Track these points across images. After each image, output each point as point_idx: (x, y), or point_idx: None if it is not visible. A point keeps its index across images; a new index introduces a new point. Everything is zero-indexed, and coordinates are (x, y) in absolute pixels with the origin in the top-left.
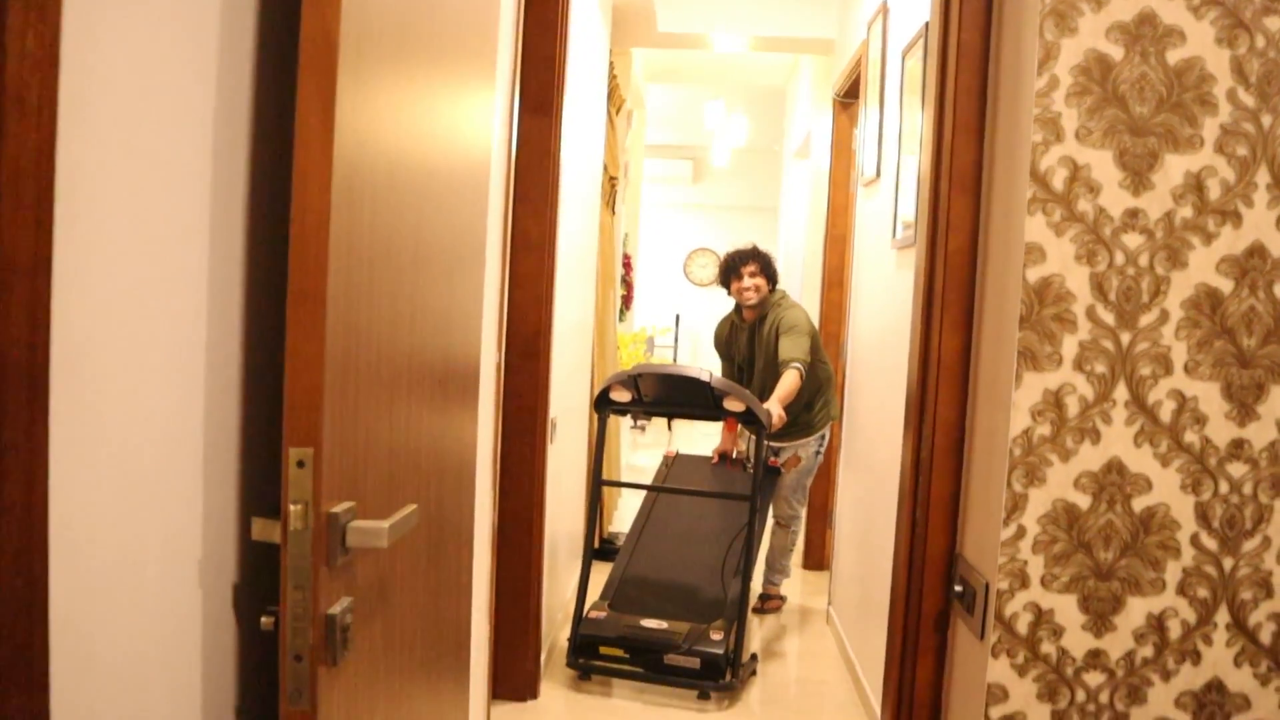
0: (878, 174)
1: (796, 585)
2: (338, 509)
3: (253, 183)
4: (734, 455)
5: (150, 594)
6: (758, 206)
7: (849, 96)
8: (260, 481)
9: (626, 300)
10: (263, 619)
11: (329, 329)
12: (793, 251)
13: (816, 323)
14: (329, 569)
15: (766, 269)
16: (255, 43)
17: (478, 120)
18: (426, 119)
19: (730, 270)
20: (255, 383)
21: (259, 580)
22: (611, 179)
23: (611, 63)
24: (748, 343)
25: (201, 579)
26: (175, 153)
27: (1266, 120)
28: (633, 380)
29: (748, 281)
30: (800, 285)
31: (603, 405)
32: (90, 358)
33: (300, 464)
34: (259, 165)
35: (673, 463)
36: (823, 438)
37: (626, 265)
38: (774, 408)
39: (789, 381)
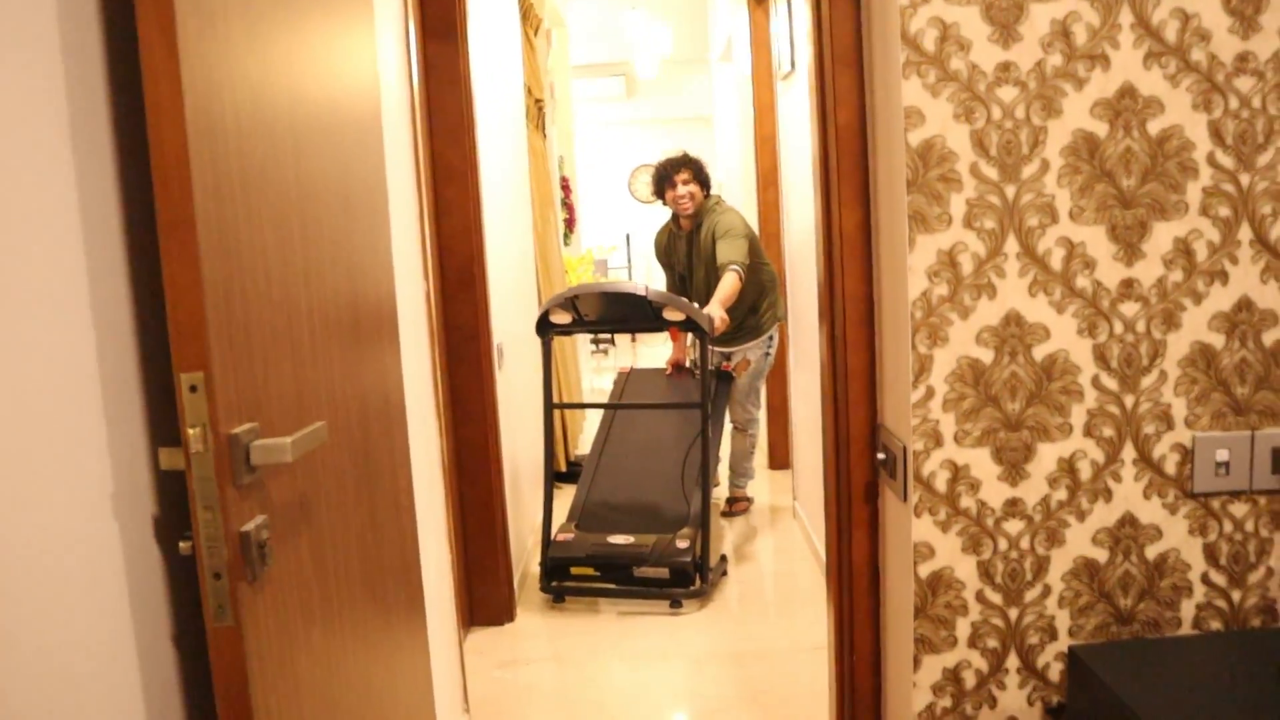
0: (793, 66)
1: (763, 486)
2: (238, 430)
3: (116, 115)
4: (686, 364)
5: (64, 530)
6: (694, 116)
7: None
8: (167, 413)
9: (569, 223)
10: (181, 544)
11: (204, 255)
12: (730, 156)
13: (755, 224)
14: (236, 488)
15: (699, 175)
16: None
17: (357, 48)
18: (292, 46)
19: (663, 180)
20: (149, 317)
21: (179, 509)
22: (537, 101)
23: None
24: (687, 251)
25: (116, 511)
26: (25, 87)
27: None
28: (570, 301)
29: (681, 190)
30: (739, 189)
31: (544, 329)
32: None
33: (193, 388)
34: (121, 96)
35: (628, 378)
36: (771, 339)
37: (565, 188)
38: (715, 310)
39: (728, 284)
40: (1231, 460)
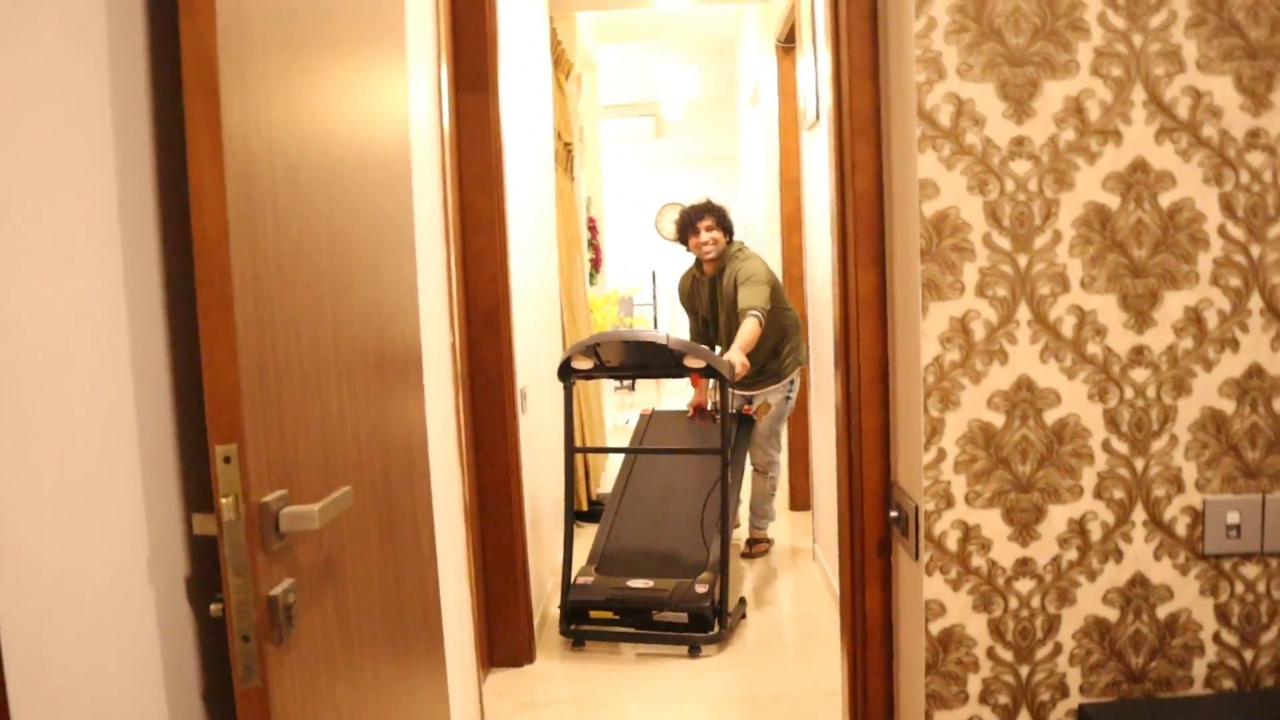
0: (818, 117)
1: (784, 527)
2: (268, 498)
3: (161, 194)
4: (708, 407)
5: (100, 592)
6: (720, 156)
7: (789, 42)
8: (201, 479)
9: (595, 263)
10: (212, 606)
11: (240, 331)
12: (754, 198)
13: (779, 268)
14: (266, 554)
15: (722, 222)
16: (147, 58)
17: (390, 104)
18: (327, 111)
19: (687, 226)
20: (186, 387)
21: (210, 571)
22: (567, 145)
23: (554, 29)
24: (709, 296)
25: (151, 574)
26: (79, 169)
27: (1138, 40)
28: (592, 348)
29: (705, 236)
30: (764, 232)
31: (566, 374)
32: (11, 371)
33: (227, 459)
34: (166, 177)
35: (649, 420)
36: (792, 383)
37: (592, 228)
38: (735, 356)
39: (748, 329)
40: (1242, 523)
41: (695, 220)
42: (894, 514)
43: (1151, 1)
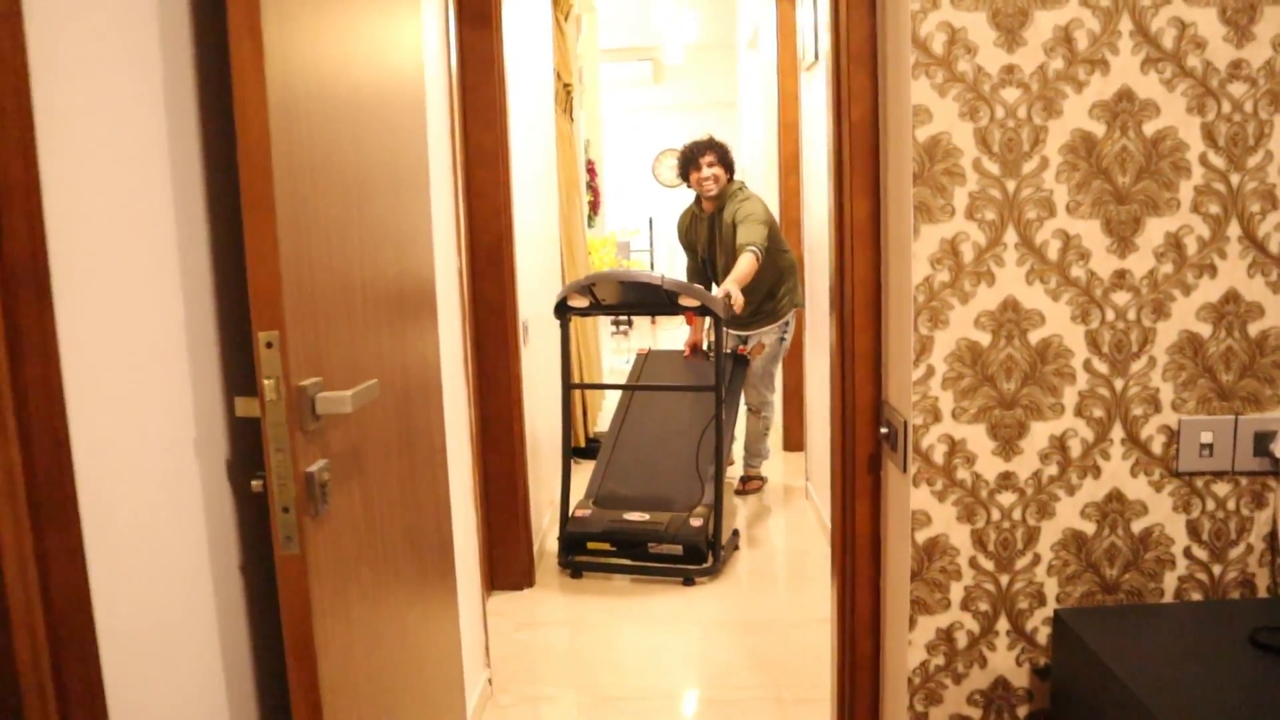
0: (816, 57)
1: (777, 466)
2: (305, 382)
3: (202, 107)
4: (703, 347)
5: (155, 466)
6: (720, 102)
7: None
8: (239, 368)
9: (594, 206)
10: (253, 483)
11: (280, 228)
12: (753, 143)
13: (777, 211)
14: (303, 434)
15: (724, 159)
16: None
17: (406, 34)
18: (351, 35)
19: (689, 161)
20: (224, 283)
21: (247, 453)
22: (566, 86)
23: None
24: (708, 234)
25: (198, 454)
26: (128, 80)
27: None
28: (588, 287)
29: (706, 171)
30: (762, 176)
31: (562, 311)
32: (82, 265)
33: (269, 344)
34: (207, 90)
35: (645, 359)
36: (786, 324)
37: (591, 171)
38: (731, 287)
39: (744, 264)
40: (1215, 443)
41: (697, 155)
42: (884, 430)
43: None
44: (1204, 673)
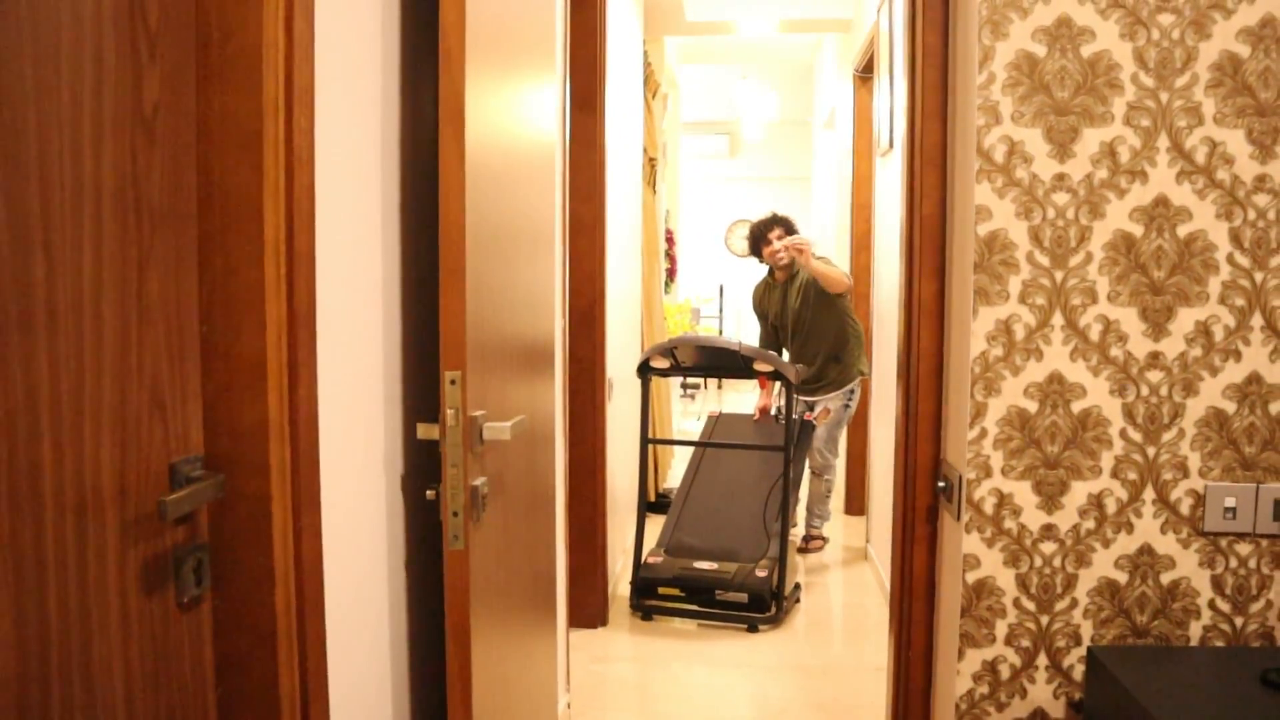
0: (891, 144)
1: (839, 529)
2: (476, 413)
3: (403, 191)
4: (773, 411)
5: (358, 474)
6: (792, 176)
7: (866, 72)
8: (415, 398)
9: (670, 273)
10: (428, 492)
11: (468, 291)
12: (825, 218)
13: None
14: (472, 454)
15: (789, 231)
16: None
17: (547, 111)
18: (515, 109)
19: (758, 239)
20: (409, 331)
21: (417, 469)
22: (651, 160)
23: (645, 51)
24: (780, 302)
25: (385, 468)
26: (366, 179)
27: (1164, 97)
28: (670, 351)
29: (776, 244)
30: (833, 251)
31: (644, 371)
32: (326, 314)
33: (453, 381)
34: (406, 172)
35: (717, 421)
36: (852, 392)
37: (669, 240)
38: (811, 260)
39: (836, 269)
40: (1238, 507)
41: (766, 231)
42: (941, 484)
43: (1177, 65)
44: (1220, 708)
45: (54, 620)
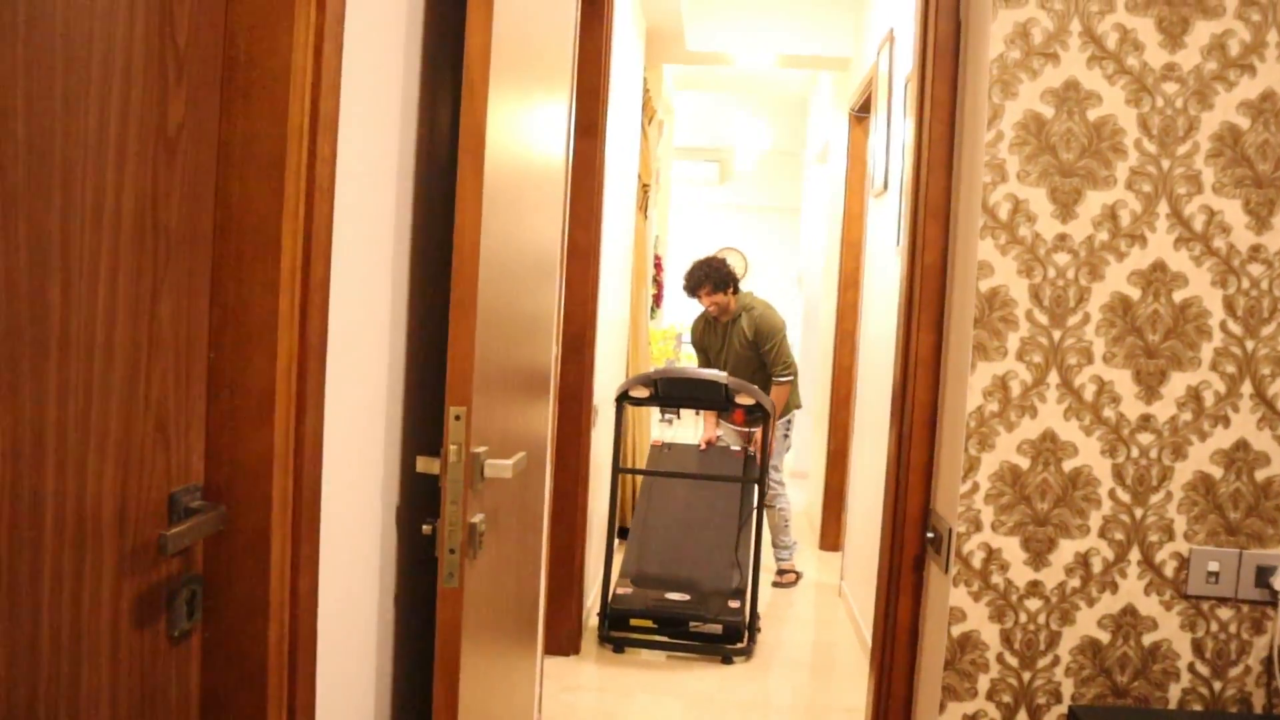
0: (885, 186)
1: (812, 565)
2: (479, 450)
3: (415, 215)
4: (715, 440)
5: (354, 506)
6: (782, 207)
7: (863, 111)
8: (414, 432)
9: (657, 299)
10: (424, 526)
11: (478, 324)
12: (813, 251)
13: (831, 322)
14: (472, 491)
15: (719, 285)
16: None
17: (559, 136)
18: (530, 135)
19: (691, 293)
20: (412, 364)
21: (413, 502)
22: (644, 185)
23: (644, 78)
24: (721, 338)
25: (382, 500)
26: (381, 205)
27: (1165, 164)
28: (653, 381)
29: (707, 302)
30: (819, 285)
31: (621, 400)
32: (339, 343)
33: (457, 417)
34: (419, 190)
35: (662, 451)
36: (789, 423)
37: (657, 265)
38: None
39: (780, 393)
40: (1221, 571)
41: (697, 289)
42: (930, 535)
43: (1180, 133)
44: None
45: (45, 652)
